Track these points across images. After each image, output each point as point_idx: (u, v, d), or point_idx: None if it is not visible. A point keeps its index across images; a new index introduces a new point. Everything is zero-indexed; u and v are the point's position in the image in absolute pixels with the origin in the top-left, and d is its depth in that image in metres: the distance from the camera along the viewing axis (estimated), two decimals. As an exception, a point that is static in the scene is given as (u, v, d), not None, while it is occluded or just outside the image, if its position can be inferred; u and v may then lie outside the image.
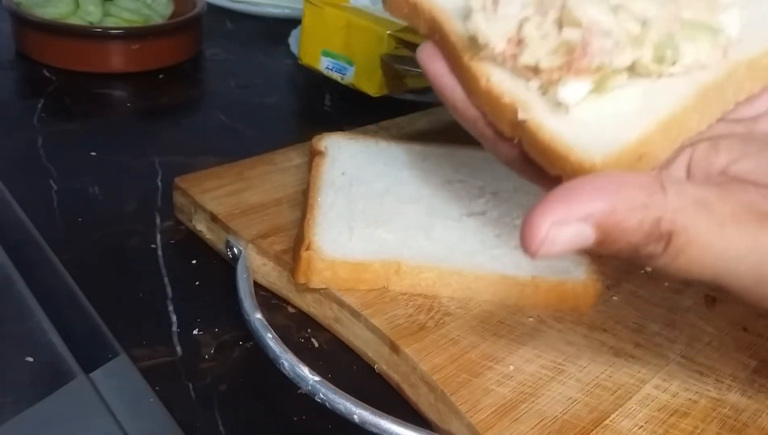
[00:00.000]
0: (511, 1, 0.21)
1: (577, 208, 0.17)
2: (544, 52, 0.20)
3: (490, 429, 0.25)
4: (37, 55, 0.53)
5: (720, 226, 0.17)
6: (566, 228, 0.17)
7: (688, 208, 0.17)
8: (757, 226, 0.18)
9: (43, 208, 0.37)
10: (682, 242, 0.17)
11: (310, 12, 0.51)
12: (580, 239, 0.17)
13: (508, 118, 0.20)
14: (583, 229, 0.17)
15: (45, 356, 0.33)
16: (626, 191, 0.17)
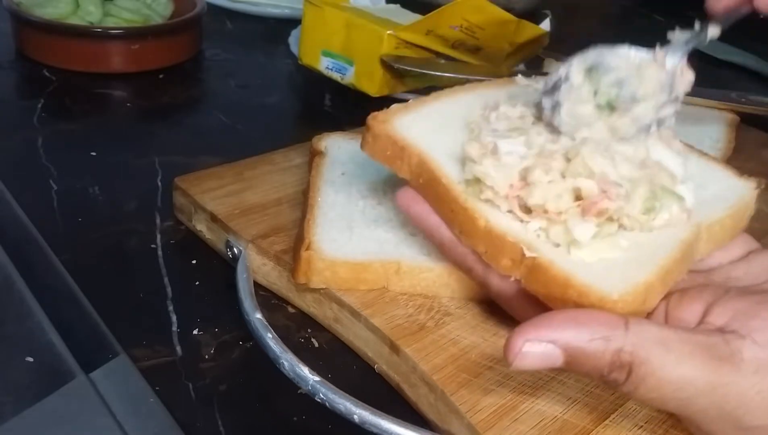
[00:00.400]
0: (511, 151, 0.24)
1: (546, 332, 0.20)
2: (552, 195, 0.22)
3: (490, 429, 0.25)
4: (37, 55, 0.53)
5: (677, 363, 0.20)
6: (536, 347, 0.20)
7: (647, 343, 0.20)
8: (714, 367, 0.20)
9: (43, 208, 0.37)
10: (642, 373, 0.20)
11: (310, 12, 0.51)
12: (549, 359, 0.20)
13: (510, 256, 0.23)
14: (551, 350, 0.20)
15: (45, 356, 0.33)
16: (593, 324, 0.20)
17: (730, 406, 0.20)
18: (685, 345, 0.20)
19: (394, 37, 0.48)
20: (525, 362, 0.20)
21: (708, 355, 0.20)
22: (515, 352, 0.20)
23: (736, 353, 0.20)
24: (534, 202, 0.22)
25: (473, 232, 0.23)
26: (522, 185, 0.23)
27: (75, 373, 0.32)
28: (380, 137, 0.25)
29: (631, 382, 0.20)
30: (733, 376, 0.20)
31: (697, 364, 0.20)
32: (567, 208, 0.22)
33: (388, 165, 0.26)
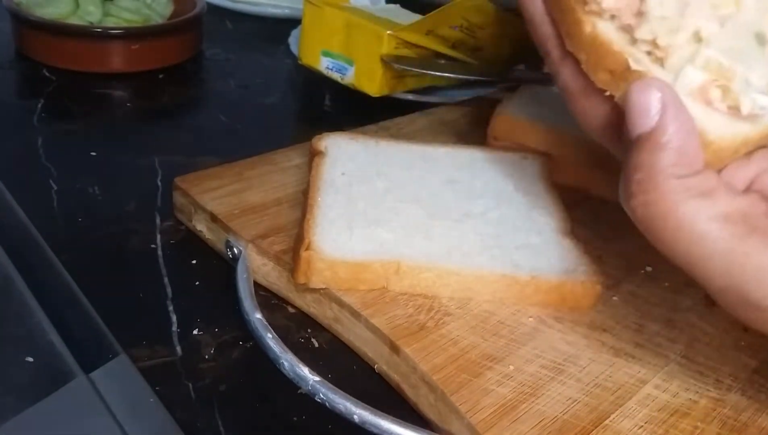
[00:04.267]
0: None
1: (672, 105, 0.20)
2: (664, 30, 0.20)
3: (490, 429, 0.25)
4: (37, 55, 0.53)
5: (709, 218, 0.19)
6: (654, 98, 0.20)
7: (693, 192, 0.19)
8: (743, 233, 0.19)
9: (43, 208, 0.37)
10: (664, 210, 0.19)
11: (310, 12, 0.51)
12: (645, 112, 0.20)
13: (611, 68, 0.21)
14: (653, 112, 0.19)
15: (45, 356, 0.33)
16: (687, 150, 0.19)
17: (742, 278, 0.19)
18: (727, 204, 0.19)
19: (394, 37, 0.48)
20: (639, 93, 0.20)
21: (741, 220, 0.19)
22: (645, 81, 0.20)
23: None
24: (641, 35, 0.20)
25: (578, 36, 0.21)
26: (636, 9, 0.20)
27: (75, 373, 0.32)
28: None
29: (648, 211, 0.19)
30: (758, 246, 0.19)
31: (726, 227, 0.19)
32: (679, 47, 0.20)
33: None
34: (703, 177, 0.19)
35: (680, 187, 0.19)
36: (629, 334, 0.30)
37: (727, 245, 0.19)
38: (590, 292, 0.31)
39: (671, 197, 0.19)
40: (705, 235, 0.19)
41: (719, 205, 0.19)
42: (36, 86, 0.51)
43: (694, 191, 0.19)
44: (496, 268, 0.30)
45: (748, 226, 0.19)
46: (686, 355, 0.29)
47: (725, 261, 0.19)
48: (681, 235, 0.19)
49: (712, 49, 0.20)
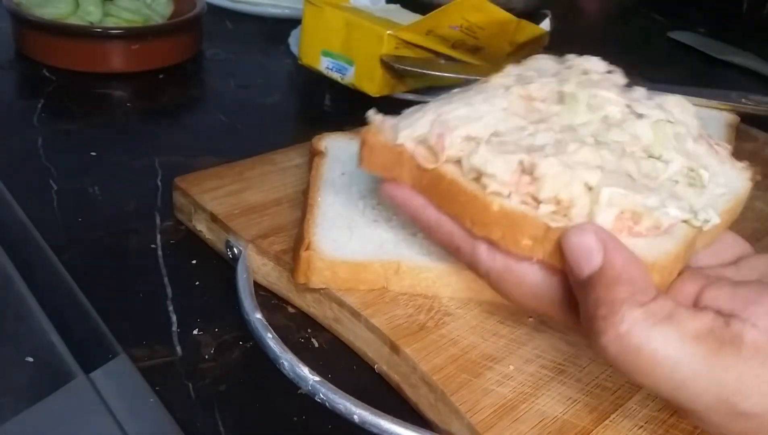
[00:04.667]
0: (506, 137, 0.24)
1: (610, 240, 0.21)
2: (561, 187, 0.22)
3: (490, 429, 0.25)
4: (37, 55, 0.53)
5: (681, 340, 0.19)
6: (592, 239, 0.21)
7: (660, 315, 0.20)
8: (714, 348, 0.19)
9: (43, 208, 0.37)
10: (637, 343, 0.19)
11: (310, 12, 0.51)
12: (589, 253, 0.21)
13: (530, 234, 0.22)
14: (596, 252, 0.21)
15: (45, 356, 0.33)
16: (638, 278, 0.20)
17: (727, 391, 0.19)
18: (694, 325, 0.20)
19: (394, 37, 0.48)
20: (577, 238, 0.21)
21: (710, 338, 0.19)
22: (581, 228, 0.21)
23: (736, 337, 0.19)
24: (544, 195, 0.22)
25: (486, 219, 0.23)
26: (529, 181, 0.22)
27: (75, 373, 0.32)
28: (376, 148, 0.25)
29: (620, 346, 0.20)
30: (732, 359, 0.19)
31: (697, 345, 0.19)
32: (580, 196, 0.22)
33: (388, 175, 0.25)
34: (661, 301, 0.20)
35: (645, 315, 0.19)
36: (629, 334, 0.30)
37: (706, 363, 0.19)
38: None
39: (640, 326, 0.19)
40: (682, 359, 0.19)
41: (686, 326, 0.20)
42: (36, 86, 0.51)
43: (658, 316, 0.20)
44: (496, 268, 0.30)
45: (717, 340, 0.20)
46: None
47: (708, 379, 0.19)
48: (658, 363, 0.19)
49: (607, 189, 0.22)
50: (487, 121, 0.24)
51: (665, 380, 0.20)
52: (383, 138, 0.25)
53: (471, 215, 0.23)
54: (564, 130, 0.24)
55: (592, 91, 0.25)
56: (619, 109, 0.25)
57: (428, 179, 0.24)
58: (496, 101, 0.25)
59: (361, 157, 0.26)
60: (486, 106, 0.25)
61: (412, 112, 0.26)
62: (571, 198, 0.22)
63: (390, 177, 0.25)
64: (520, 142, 0.23)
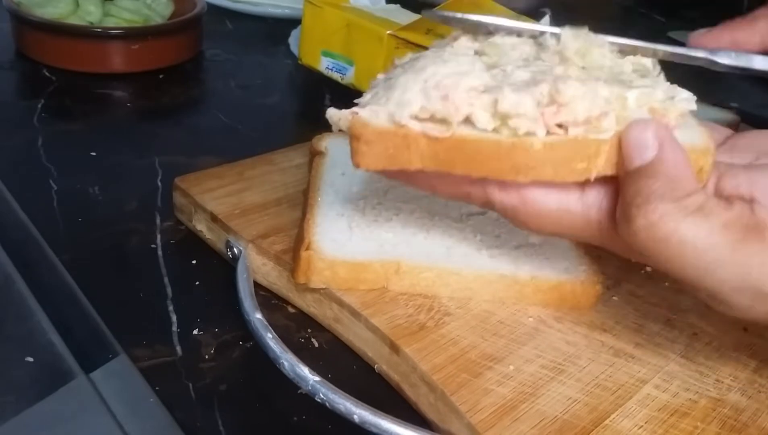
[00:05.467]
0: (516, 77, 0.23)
1: (666, 137, 0.22)
2: (589, 104, 0.22)
3: (490, 429, 0.25)
4: (37, 55, 0.53)
5: (708, 229, 0.21)
6: (651, 133, 0.22)
7: (690, 209, 0.21)
8: (741, 236, 0.21)
9: (44, 208, 0.37)
10: (668, 230, 0.20)
11: (310, 12, 0.51)
12: (644, 146, 0.21)
13: (583, 156, 0.22)
14: (652, 145, 0.21)
15: (45, 356, 0.33)
16: (682, 174, 0.21)
17: (751, 276, 0.20)
18: (723, 215, 0.20)
19: (393, 37, 0.48)
20: (638, 132, 0.21)
21: (737, 226, 0.20)
22: (642, 125, 0.21)
23: (760, 223, 0.21)
24: (579, 116, 0.22)
25: (532, 162, 0.22)
26: (555, 110, 0.22)
27: (75, 373, 0.32)
28: (375, 140, 0.23)
29: (652, 232, 0.20)
30: (757, 245, 0.20)
31: (725, 234, 0.20)
32: (607, 108, 0.22)
33: (394, 165, 0.23)
34: (695, 196, 0.21)
35: (678, 208, 0.21)
36: (629, 334, 0.30)
37: (733, 250, 0.20)
38: (590, 292, 0.31)
39: (671, 217, 0.20)
40: (710, 246, 0.20)
41: (715, 217, 0.21)
42: (36, 86, 0.51)
43: (690, 209, 0.21)
44: (495, 267, 0.30)
45: (745, 229, 0.21)
46: (686, 355, 0.29)
47: (734, 265, 0.20)
48: (686, 250, 0.20)
49: (632, 91, 0.22)
50: (475, 73, 0.23)
51: (691, 267, 0.21)
52: (379, 126, 0.23)
53: (513, 165, 0.22)
54: (524, 64, 0.24)
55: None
56: (528, 46, 0.25)
57: (446, 150, 0.22)
58: (456, 59, 0.24)
59: (359, 154, 0.23)
60: (455, 63, 0.24)
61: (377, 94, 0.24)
62: (602, 112, 0.22)
63: (395, 166, 0.23)
64: (512, 82, 0.23)
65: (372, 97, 0.24)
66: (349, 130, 0.23)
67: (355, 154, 0.24)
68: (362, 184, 0.35)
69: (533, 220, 0.23)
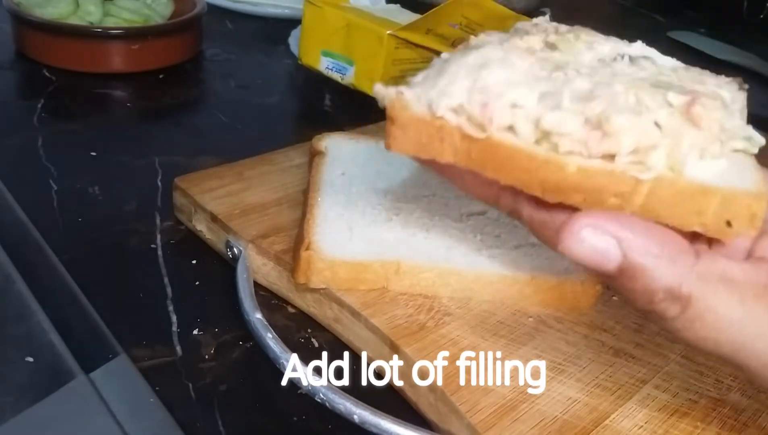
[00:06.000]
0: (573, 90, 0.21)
1: (615, 228, 0.18)
2: (640, 132, 0.20)
3: (490, 429, 0.25)
4: (37, 55, 0.53)
5: (741, 301, 0.19)
6: (598, 237, 0.18)
7: (712, 278, 0.19)
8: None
9: (44, 208, 0.37)
10: (701, 308, 0.18)
11: (310, 12, 0.51)
12: (604, 256, 0.18)
13: (617, 190, 0.20)
14: (612, 247, 0.18)
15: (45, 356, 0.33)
16: (666, 240, 0.18)
17: None
18: (750, 282, 0.19)
19: (393, 36, 0.48)
20: (576, 247, 0.18)
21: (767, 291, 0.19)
22: (572, 232, 0.18)
23: None
24: (627, 147, 0.20)
25: (563, 184, 0.20)
26: (600, 135, 0.20)
27: (75, 373, 0.32)
28: (410, 125, 0.22)
29: (686, 317, 0.19)
30: None
31: (760, 303, 0.19)
32: (658, 141, 0.20)
33: (425, 154, 0.22)
34: (708, 260, 0.19)
35: (699, 279, 0.19)
36: (629, 334, 0.30)
37: (766, 320, 0.19)
38: (590, 292, 0.31)
39: (699, 294, 0.18)
40: (745, 321, 0.19)
41: (742, 285, 0.19)
42: (36, 86, 0.51)
43: (713, 279, 0.19)
44: (495, 267, 0.30)
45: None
46: (686, 355, 0.29)
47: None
48: (722, 327, 0.19)
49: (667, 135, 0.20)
50: (527, 84, 0.21)
51: (730, 343, 0.19)
52: (416, 113, 0.22)
53: (542, 182, 0.20)
54: (587, 72, 0.22)
55: (575, 35, 0.23)
56: (609, 48, 0.23)
57: (479, 150, 0.21)
58: (514, 60, 0.22)
59: (391, 137, 0.22)
60: (511, 67, 0.22)
61: (429, 76, 0.23)
62: (651, 144, 0.20)
63: (427, 155, 0.22)
64: (570, 90, 0.21)
65: (423, 78, 0.23)
66: (388, 110, 0.22)
67: (388, 137, 0.23)
68: (362, 185, 0.35)
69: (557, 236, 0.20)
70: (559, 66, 0.23)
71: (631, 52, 0.24)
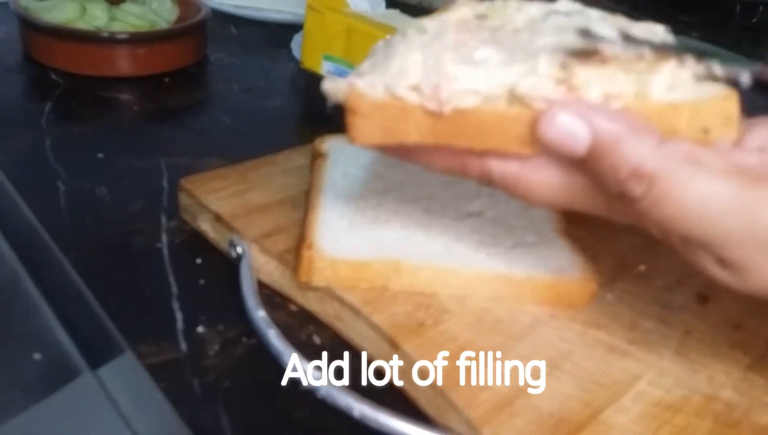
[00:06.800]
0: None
1: (589, 112, 0.19)
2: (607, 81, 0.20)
3: (488, 424, 0.25)
4: (44, 58, 0.54)
5: (706, 177, 0.19)
6: (570, 121, 0.19)
7: (676, 159, 0.19)
8: (746, 184, 0.19)
9: (51, 209, 0.38)
10: (666, 186, 0.19)
11: (311, 17, 0.52)
12: (575, 138, 0.19)
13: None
14: (582, 130, 0.19)
15: (52, 353, 0.34)
16: (632, 123, 0.19)
17: (759, 226, 0.18)
18: (718, 162, 0.19)
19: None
20: (551, 130, 0.19)
21: (741, 174, 0.19)
22: (549, 116, 0.19)
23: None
24: (597, 93, 0.20)
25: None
26: (567, 89, 0.20)
27: (82, 370, 0.33)
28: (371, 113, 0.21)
29: (650, 197, 0.19)
30: (765, 192, 0.18)
31: (729, 180, 0.19)
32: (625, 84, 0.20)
33: (391, 139, 0.22)
34: (674, 143, 0.19)
35: (663, 158, 0.19)
36: (623, 331, 0.30)
37: (736, 198, 0.18)
38: (585, 291, 0.31)
39: (664, 171, 0.19)
40: (710, 196, 0.19)
41: (711, 164, 0.19)
42: (44, 89, 0.51)
43: (678, 157, 0.19)
44: (492, 266, 0.31)
45: (748, 175, 0.19)
46: (679, 352, 0.30)
47: (738, 216, 0.19)
48: (689, 204, 0.19)
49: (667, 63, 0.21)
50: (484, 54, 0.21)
51: (695, 220, 0.19)
52: (375, 98, 0.21)
53: (517, 136, 0.21)
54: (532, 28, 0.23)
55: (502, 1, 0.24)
56: (536, 8, 0.24)
57: (447, 123, 0.21)
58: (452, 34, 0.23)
59: (354, 129, 0.22)
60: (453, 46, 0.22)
61: (377, 62, 0.22)
62: (616, 94, 0.20)
63: (392, 140, 0.22)
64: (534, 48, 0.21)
65: (370, 66, 0.23)
66: (345, 103, 0.22)
67: (351, 129, 0.22)
68: (362, 185, 0.36)
69: (535, 190, 0.22)
70: (496, 29, 0.23)
71: (560, 9, 0.24)
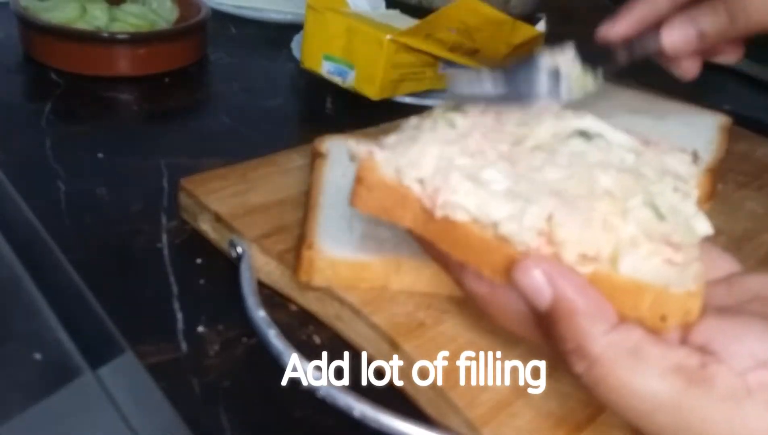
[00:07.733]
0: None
1: (559, 277, 0.20)
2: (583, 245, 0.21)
3: (488, 424, 0.25)
4: (44, 58, 0.54)
5: (646, 373, 0.19)
6: (539, 274, 0.20)
7: (621, 348, 0.20)
8: (681, 387, 0.19)
9: (51, 209, 0.38)
10: (604, 373, 0.20)
11: (311, 17, 0.52)
12: (538, 291, 0.21)
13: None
14: (548, 291, 0.20)
15: (53, 353, 0.34)
16: (594, 303, 0.20)
17: (690, 431, 0.19)
18: (661, 360, 0.20)
19: (393, 41, 0.49)
20: (523, 278, 0.20)
21: (680, 375, 0.19)
22: (525, 267, 0.20)
23: (708, 378, 0.19)
24: (572, 255, 0.21)
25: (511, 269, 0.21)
26: (546, 242, 0.21)
27: (82, 370, 0.33)
28: (376, 188, 0.23)
29: (591, 377, 0.20)
30: (701, 400, 0.19)
31: (666, 381, 0.19)
32: (603, 246, 0.21)
33: (386, 217, 0.23)
34: (624, 331, 0.20)
35: (608, 345, 0.20)
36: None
37: (670, 400, 0.19)
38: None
39: (606, 358, 0.20)
40: (646, 392, 0.19)
41: (653, 361, 0.20)
42: (44, 89, 0.51)
43: (622, 348, 0.20)
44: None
45: (685, 379, 0.19)
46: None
47: (671, 416, 0.19)
48: (624, 394, 0.20)
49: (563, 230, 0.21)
50: (490, 176, 0.22)
51: (630, 410, 0.20)
52: (383, 176, 0.23)
53: (492, 265, 0.22)
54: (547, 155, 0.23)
55: None
56: (564, 123, 0.24)
57: (438, 225, 0.22)
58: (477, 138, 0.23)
59: (358, 196, 0.23)
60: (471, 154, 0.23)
61: (401, 141, 0.23)
62: (594, 252, 0.21)
63: (388, 219, 0.23)
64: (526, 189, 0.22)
65: (395, 142, 0.24)
66: (357, 168, 0.24)
67: (354, 195, 0.24)
68: (363, 186, 0.36)
69: (501, 316, 0.23)
70: (517, 141, 0.24)
71: (584, 127, 0.25)
